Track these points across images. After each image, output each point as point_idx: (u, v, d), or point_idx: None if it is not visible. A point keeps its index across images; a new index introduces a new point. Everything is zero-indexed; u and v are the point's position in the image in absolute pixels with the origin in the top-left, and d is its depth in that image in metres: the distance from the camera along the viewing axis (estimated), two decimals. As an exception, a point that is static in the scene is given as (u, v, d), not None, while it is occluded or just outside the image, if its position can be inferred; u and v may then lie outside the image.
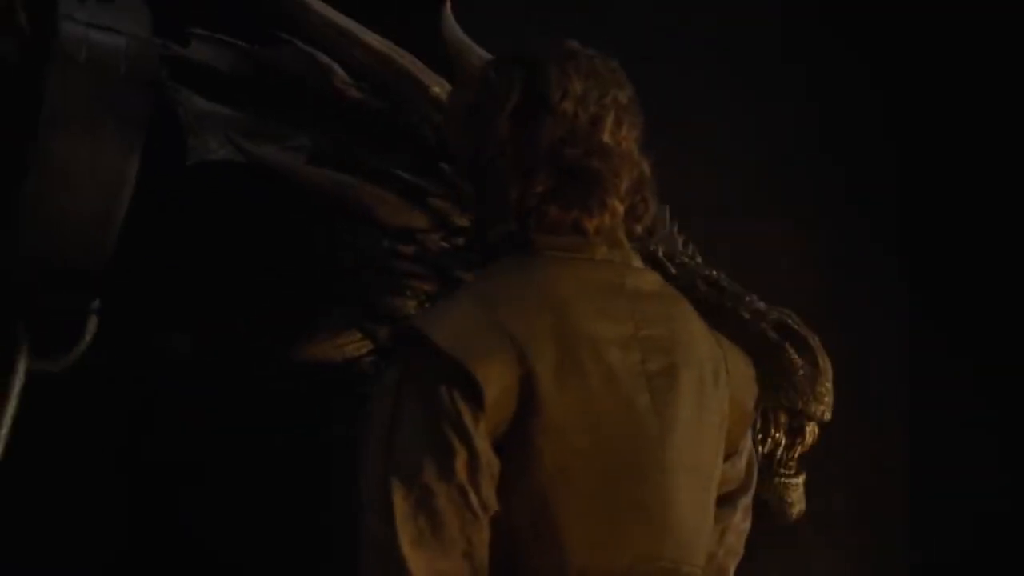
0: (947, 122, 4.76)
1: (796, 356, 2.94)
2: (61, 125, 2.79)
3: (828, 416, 2.98)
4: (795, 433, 2.98)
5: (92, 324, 3.00)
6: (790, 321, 2.99)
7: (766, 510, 2.99)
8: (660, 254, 3.06)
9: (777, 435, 2.97)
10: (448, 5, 3.05)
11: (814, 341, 2.98)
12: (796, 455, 3.00)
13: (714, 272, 3.11)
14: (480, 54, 3.00)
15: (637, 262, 2.22)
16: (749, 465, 2.34)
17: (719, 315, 2.93)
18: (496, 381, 2.00)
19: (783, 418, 2.96)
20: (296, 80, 3.07)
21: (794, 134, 4.72)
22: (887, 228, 4.79)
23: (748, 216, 4.68)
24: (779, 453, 2.97)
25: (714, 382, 2.19)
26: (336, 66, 3.03)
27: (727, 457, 2.27)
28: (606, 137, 2.15)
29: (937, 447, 4.69)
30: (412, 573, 1.95)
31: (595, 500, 2.06)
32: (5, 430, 2.86)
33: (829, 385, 2.96)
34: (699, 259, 3.20)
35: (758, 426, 2.93)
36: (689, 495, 2.14)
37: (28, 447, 2.91)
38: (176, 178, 3.02)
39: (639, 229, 2.23)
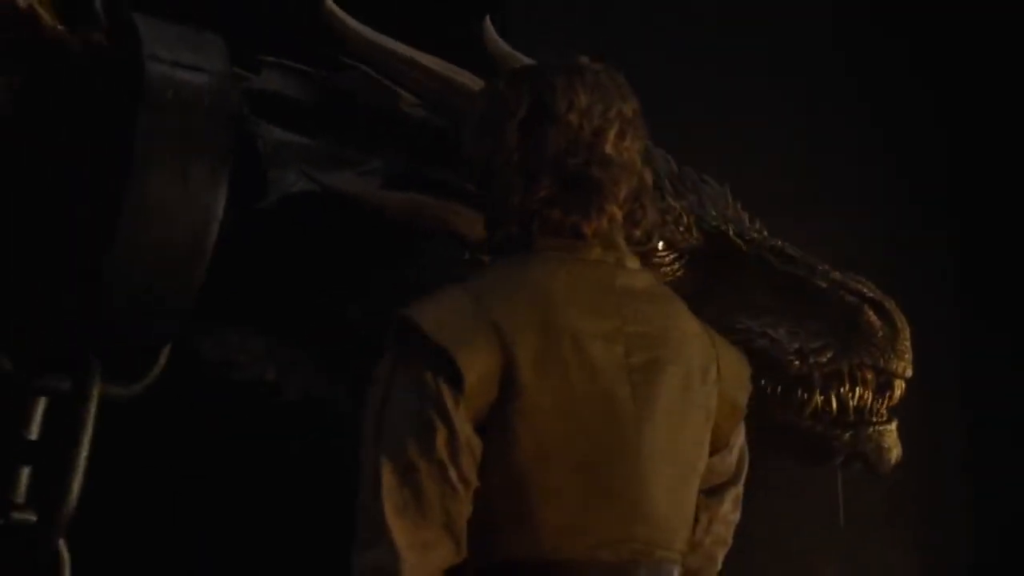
0: (998, 111, 4.78)
1: (875, 318, 3.07)
2: (152, 163, 2.86)
3: (910, 373, 3.11)
4: (883, 389, 3.11)
5: (166, 350, 3.09)
6: (864, 288, 3.11)
7: (865, 463, 3.14)
8: (731, 233, 3.17)
9: (865, 393, 3.08)
10: (488, 20, 3.18)
11: (890, 304, 3.11)
12: (884, 407, 3.12)
13: (782, 243, 3.22)
14: (525, 63, 3.11)
15: (633, 263, 2.35)
16: (740, 459, 2.47)
17: (793, 286, 3.10)
18: (477, 367, 2.16)
19: (870, 376, 3.09)
20: (363, 104, 3.14)
21: (844, 128, 4.76)
22: (938, 220, 4.82)
23: (799, 210, 4.73)
24: (869, 405, 3.09)
25: (702, 379, 2.33)
26: (399, 89, 3.10)
27: (717, 451, 2.41)
28: (608, 148, 2.30)
29: (994, 439, 4.73)
30: (394, 539, 2.12)
31: (569, 483, 2.20)
32: (83, 457, 2.93)
33: (908, 343, 3.09)
34: (766, 233, 3.31)
35: (846, 387, 3.05)
36: (665, 483, 2.26)
37: (104, 469, 2.98)
38: (256, 208, 3.10)
39: (638, 234, 2.37)
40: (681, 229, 3.11)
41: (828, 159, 4.80)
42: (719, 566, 2.49)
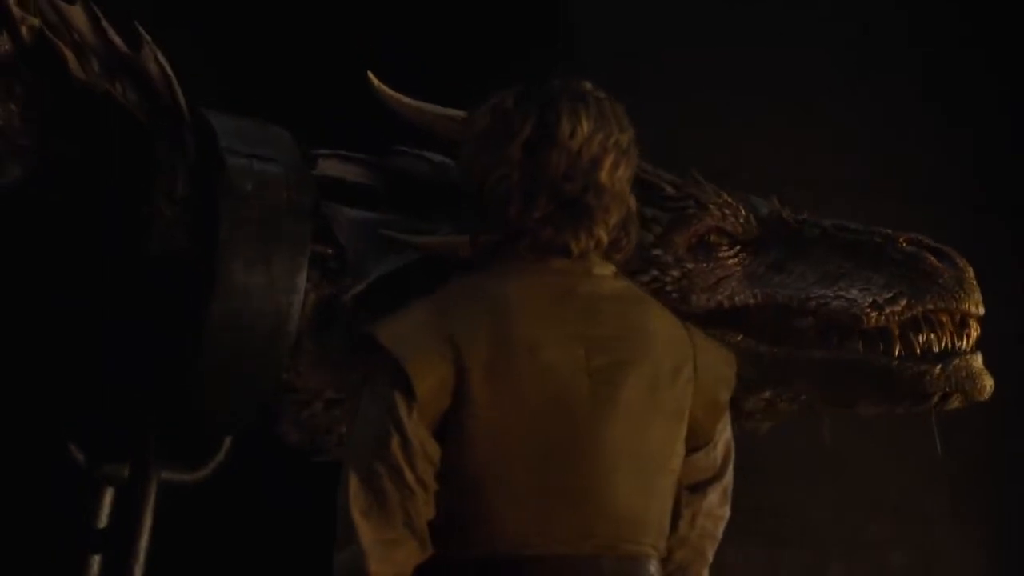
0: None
1: (937, 262, 3.15)
2: (235, 252, 2.98)
3: (982, 310, 3.17)
4: (962, 328, 3.17)
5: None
6: (920, 237, 3.21)
7: (962, 392, 3.16)
8: (784, 215, 3.28)
9: (943, 335, 3.15)
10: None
11: (948, 248, 3.19)
12: (966, 343, 3.18)
13: (838, 221, 3.31)
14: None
15: (602, 270, 2.42)
16: (725, 455, 2.49)
17: (855, 249, 3.20)
18: (429, 378, 2.28)
19: (944, 318, 3.15)
20: (421, 181, 3.25)
21: (914, 114, 4.75)
22: (1007, 208, 4.80)
23: (870, 193, 4.73)
24: (949, 341, 3.15)
25: (672, 378, 2.38)
26: (448, 160, 3.19)
27: (700, 447, 2.45)
28: (604, 176, 2.37)
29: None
30: (361, 538, 2.26)
31: (525, 484, 2.29)
32: (145, 542, 3.05)
33: (974, 282, 3.16)
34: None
35: (924, 332, 3.14)
36: (630, 479, 2.33)
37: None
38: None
39: (618, 258, 2.45)
40: (741, 221, 3.22)
41: (899, 146, 4.80)
42: (709, 560, 2.51)
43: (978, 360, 3.17)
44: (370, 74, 3.20)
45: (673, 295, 3.11)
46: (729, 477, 2.50)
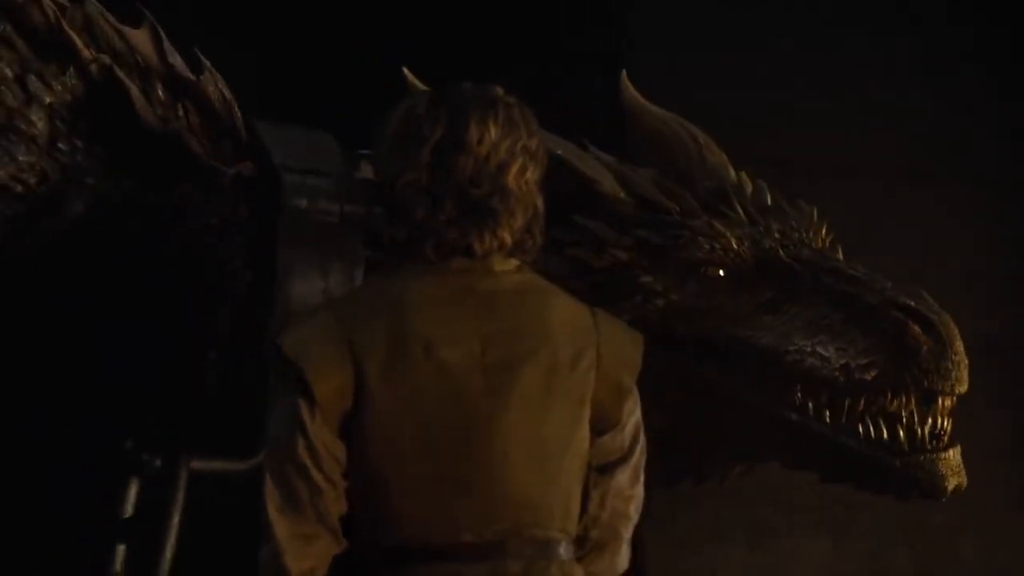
0: None
1: (921, 334, 3.07)
2: (293, 271, 3.04)
3: (960, 389, 3.12)
4: (927, 408, 3.11)
5: None
6: (913, 302, 3.12)
7: (919, 490, 3.16)
8: (783, 255, 3.23)
9: (910, 412, 3.11)
10: (624, 74, 3.43)
11: (940, 318, 3.11)
12: (938, 431, 3.13)
13: (841, 263, 3.27)
14: (654, 111, 3.39)
15: (503, 266, 2.49)
16: (633, 438, 2.55)
17: (846, 303, 3.14)
18: (328, 382, 2.39)
19: (913, 392, 3.10)
20: None
21: (983, 101, 4.72)
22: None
23: (925, 177, 4.70)
24: (918, 431, 3.11)
25: (572, 364, 2.46)
26: None
27: (607, 431, 2.52)
28: (510, 181, 2.45)
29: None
30: (276, 533, 2.39)
31: (424, 477, 2.40)
32: (174, 531, 3.11)
33: (957, 358, 3.08)
34: (838, 255, 3.37)
35: (890, 401, 3.08)
36: (527, 465, 2.42)
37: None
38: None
39: (525, 259, 2.51)
40: (731, 256, 3.21)
41: (965, 132, 4.77)
42: (624, 538, 2.56)
43: (948, 459, 3.13)
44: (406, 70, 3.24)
45: (654, 323, 3.12)
46: (638, 457, 2.56)
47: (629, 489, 2.55)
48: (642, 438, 2.57)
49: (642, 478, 2.58)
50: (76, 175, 3.18)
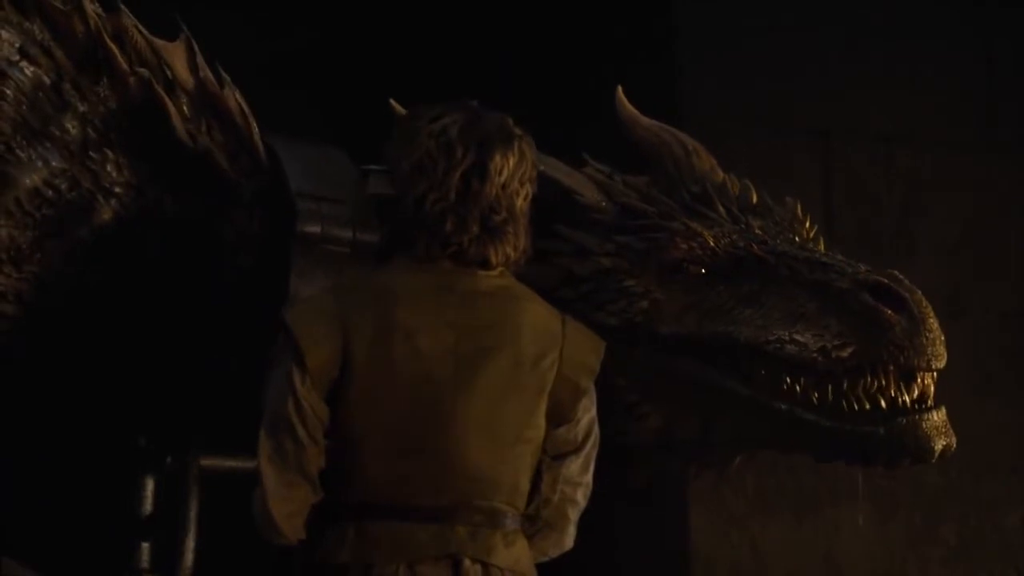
0: None
1: (892, 313, 3.11)
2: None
3: (938, 364, 3.14)
4: (907, 382, 3.14)
5: None
6: (885, 280, 3.16)
7: (909, 456, 3.14)
8: (756, 250, 3.31)
9: (889, 387, 3.14)
10: (620, 90, 3.58)
11: (912, 296, 3.14)
12: (919, 396, 3.15)
13: (814, 252, 3.35)
14: (644, 121, 3.52)
15: (484, 270, 2.84)
16: (587, 432, 2.90)
17: (820, 290, 3.21)
18: (320, 353, 2.76)
19: (891, 369, 3.13)
20: None
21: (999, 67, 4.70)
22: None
23: (951, 145, 4.68)
24: (899, 399, 3.14)
25: (534, 363, 2.82)
26: None
27: (563, 424, 2.88)
28: (518, 207, 2.85)
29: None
30: (265, 480, 2.77)
31: (390, 444, 2.76)
32: (193, 523, 3.22)
33: (932, 335, 3.12)
34: (818, 244, 3.46)
35: (868, 381, 3.13)
36: (483, 445, 2.78)
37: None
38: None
39: (511, 267, 2.88)
40: (707, 253, 3.30)
41: (1008, 102, 4.75)
42: (571, 520, 2.89)
43: (932, 419, 3.13)
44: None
45: (640, 324, 3.27)
46: (589, 450, 2.90)
47: (579, 477, 2.90)
48: (595, 433, 2.90)
49: (592, 468, 2.91)
50: (106, 184, 3.24)
